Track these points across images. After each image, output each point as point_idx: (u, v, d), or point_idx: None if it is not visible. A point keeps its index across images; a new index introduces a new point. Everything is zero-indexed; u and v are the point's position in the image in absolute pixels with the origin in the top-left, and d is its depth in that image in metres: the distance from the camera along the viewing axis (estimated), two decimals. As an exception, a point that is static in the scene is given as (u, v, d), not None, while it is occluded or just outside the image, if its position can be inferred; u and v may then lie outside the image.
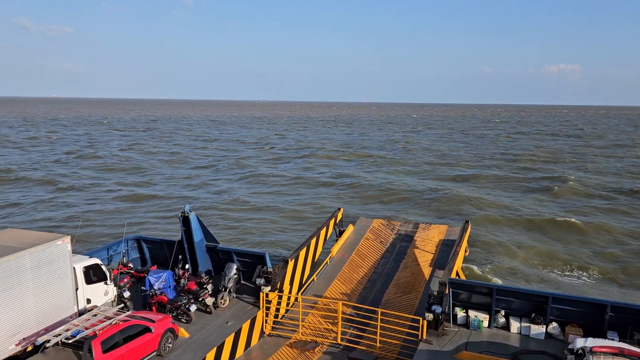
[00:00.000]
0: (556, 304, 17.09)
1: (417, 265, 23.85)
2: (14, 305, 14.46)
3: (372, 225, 29.06)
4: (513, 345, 16.42)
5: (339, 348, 18.02)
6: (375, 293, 21.80)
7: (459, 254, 21.41)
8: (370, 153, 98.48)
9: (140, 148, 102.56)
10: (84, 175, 68.14)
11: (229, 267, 20.26)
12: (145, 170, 73.58)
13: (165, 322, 16.09)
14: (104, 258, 21.68)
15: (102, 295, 17.79)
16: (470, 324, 17.53)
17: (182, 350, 16.07)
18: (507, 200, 55.83)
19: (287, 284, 20.23)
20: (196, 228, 21.60)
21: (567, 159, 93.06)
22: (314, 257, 23.27)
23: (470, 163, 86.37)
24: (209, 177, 70.17)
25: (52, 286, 15.70)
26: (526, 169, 79.79)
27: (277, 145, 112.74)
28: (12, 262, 14.38)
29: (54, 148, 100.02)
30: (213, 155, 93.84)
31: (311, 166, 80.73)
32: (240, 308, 19.30)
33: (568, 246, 39.61)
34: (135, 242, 24.27)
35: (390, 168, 79.42)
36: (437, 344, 16.40)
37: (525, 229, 44.40)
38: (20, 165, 74.83)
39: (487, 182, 67.65)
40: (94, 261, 17.75)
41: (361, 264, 24.48)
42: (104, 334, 14.23)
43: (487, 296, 17.91)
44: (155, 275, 19.28)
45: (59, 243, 15.99)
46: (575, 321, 16.89)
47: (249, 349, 18.08)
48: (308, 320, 19.66)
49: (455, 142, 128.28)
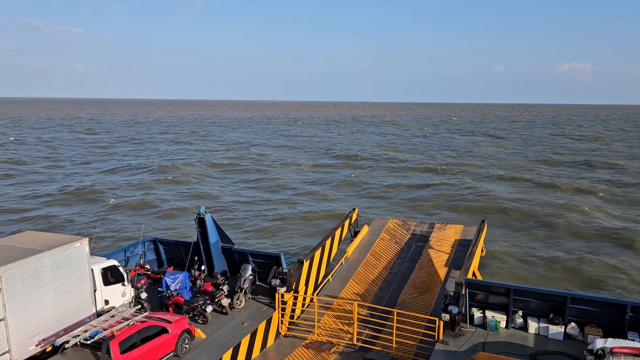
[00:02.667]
0: (575, 304, 16.86)
1: (432, 265, 23.71)
2: (34, 306, 14.70)
3: (387, 225, 28.96)
4: (531, 346, 16.23)
5: (354, 349, 17.99)
6: (391, 293, 21.72)
7: (475, 254, 21.25)
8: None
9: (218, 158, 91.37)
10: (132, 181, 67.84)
11: (245, 268, 20.35)
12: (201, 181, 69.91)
13: (182, 323, 16.22)
14: (121, 260, 21.91)
15: (120, 297, 17.98)
16: (488, 325, 17.38)
17: (199, 351, 16.18)
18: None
19: (302, 284, 20.25)
20: (212, 229, 21.74)
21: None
22: (329, 257, 23.27)
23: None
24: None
25: (71, 287, 15.93)
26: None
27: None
28: (32, 263, 14.63)
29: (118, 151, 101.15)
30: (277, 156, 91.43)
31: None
32: (256, 309, 19.37)
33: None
34: (152, 243, 24.50)
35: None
36: (454, 345, 16.28)
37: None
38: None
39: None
40: (111, 263, 17.95)
41: (376, 264, 24.41)
42: (121, 335, 14.38)
43: (504, 296, 17.73)
44: (171, 277, 19.45)
45: (78, 245, 16.22)
46: (594, 321, 16.64)
47: (265, 349, 18.13)
48: (323, 321, 19.66)
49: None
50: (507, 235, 42.35)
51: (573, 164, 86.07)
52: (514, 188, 63.54)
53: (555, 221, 45.83)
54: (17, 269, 14.15)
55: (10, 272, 13.95)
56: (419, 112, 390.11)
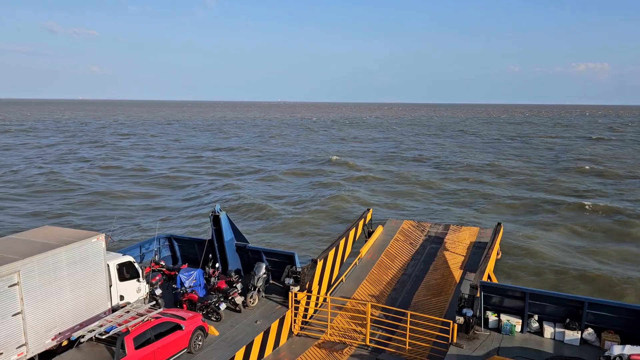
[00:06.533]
0: (592, 309, 16.59)
1: (447, 267, 23.53)
2: (51, 300, 14.89)
3: (402, 226, 28.80)
4: (546, 351, 16.02)
5: (367, 350, 17.92)
6: (405, 295, 21.59)
7: (490, 257, 21.03)
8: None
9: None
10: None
11: (258, 267, 20.40)
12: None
13: (195, 320, 16.31)
14: (136, 256, 22.10)
15: (135, 292, 18.13)
16: (502, 329, 17.19)
17: (212, 348, 16.26)
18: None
19: (315, 284, 20.23)
20: (226, 227, 21.84)
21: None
22: (342, 257, 23.21)
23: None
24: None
25: (87, 282, 16.10)
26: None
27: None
28: (49, 258, 14.82)
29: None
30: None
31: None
32: (269, 307, 19.41)
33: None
34: (167, 240, 24.67)
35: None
36: (468, 348, 16.13)
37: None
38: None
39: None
40: (127, 259, 18.11)
41: (390, 265, 24.29)
42: (136, 331, 14.51)
43: (520, 300, 17.52)
44: (186, 274, 19.57)
45: (94, 241, 16.39)
46: (612, 327, 16.35)
47: (277, 348, 18.15)
48: (336, 321, 19.62)
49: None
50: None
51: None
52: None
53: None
54: (34, 263, 14.34)
55: (28, 267, 14.15)
56: (453, 113, 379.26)
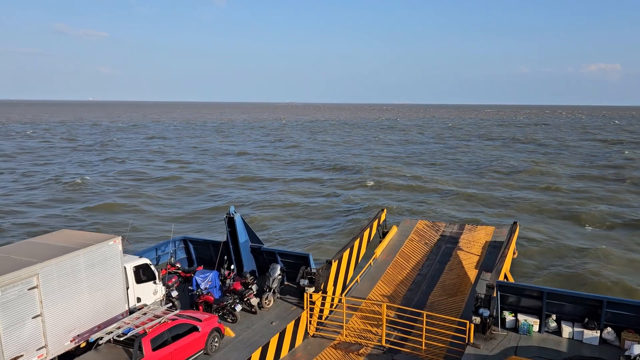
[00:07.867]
0: (611, 308, 16.35)
1: (462, 267, 23.37)
2: (70, 303, 15.08)
3: (416, 226, 28.67)
4: (565, 351, 15.83)
5: (383, 350, 17.86)
6: (420, 295, 21.49)
7: (507, 256, 20.84)
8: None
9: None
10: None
11: (273, 268, 20.44)
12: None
13: (211, 321, 16.39)
14: (152, 258, 22.29)
15: (151, 294, 18.29)
16: (520, 329, 17.02)
17: (228, 350, 16.33)
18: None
19: (330, 285, 20.22)
20: (241, 229, 21.92)
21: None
22: (357, 258, 23.17)
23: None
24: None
25: (104, 285, 16.29)
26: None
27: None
28: (67, 261, 15.02)
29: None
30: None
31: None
32: (285, 308, 19.44)
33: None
34: (182, 242, 24.83)
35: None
36: (485, 348, 16.00)
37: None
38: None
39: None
40: (143, 261, 18.28)
41: (405, 265, 24.20)
42: (153, 332, 14.62)
43: (537, 300, 17.32)
44: (201, 276, 19.68)
45: (111, 243, 16.58)
46: (632, 327, 16.09)
47: (293, 349, 18.17)
48: (352, 322, 19.59)
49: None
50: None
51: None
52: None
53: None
54: (53, 266, 14.54)
55: (46, 270, 14.35)
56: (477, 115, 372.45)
